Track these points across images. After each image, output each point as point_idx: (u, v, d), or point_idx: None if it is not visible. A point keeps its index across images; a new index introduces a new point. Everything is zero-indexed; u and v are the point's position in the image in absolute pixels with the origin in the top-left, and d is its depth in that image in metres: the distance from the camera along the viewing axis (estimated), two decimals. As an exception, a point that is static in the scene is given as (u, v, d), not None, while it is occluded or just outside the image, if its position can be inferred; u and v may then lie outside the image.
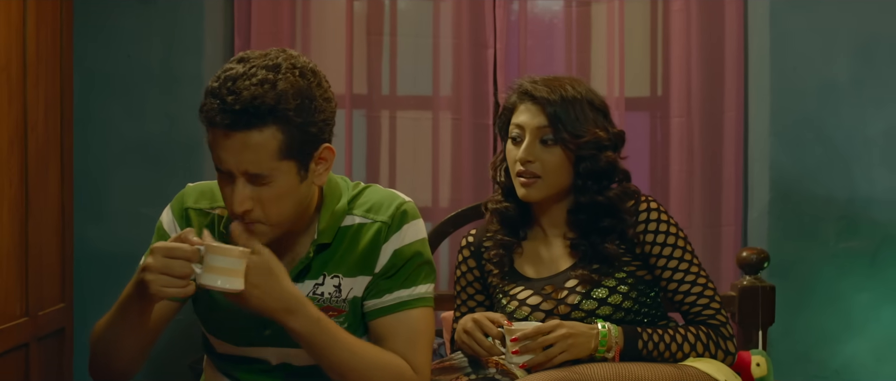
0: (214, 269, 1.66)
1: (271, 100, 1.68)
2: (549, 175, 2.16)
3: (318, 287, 1.90)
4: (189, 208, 1.95)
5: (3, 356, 2.52)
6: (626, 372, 1.96)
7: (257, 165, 1.71)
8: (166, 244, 1.68)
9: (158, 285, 1.66)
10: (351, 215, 1.92)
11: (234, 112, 1.67)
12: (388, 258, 1.90)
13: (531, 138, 2.16)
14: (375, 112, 3.29)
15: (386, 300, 1.90)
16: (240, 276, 1.69)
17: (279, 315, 1.75)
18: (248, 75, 1.69)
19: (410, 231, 1.92)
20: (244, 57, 1.74)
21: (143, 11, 3.07)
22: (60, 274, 2.89)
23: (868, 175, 3.04)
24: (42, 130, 2.73)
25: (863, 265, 3.03)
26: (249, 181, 1.73)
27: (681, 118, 3.18)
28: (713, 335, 2.15)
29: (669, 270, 2.18)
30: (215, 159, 1.75)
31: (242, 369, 1.96)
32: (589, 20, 3.26)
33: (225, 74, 1.71)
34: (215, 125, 1.70)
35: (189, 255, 1.67)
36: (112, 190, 3.07)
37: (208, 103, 1.70)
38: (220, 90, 1.68)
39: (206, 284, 1.67)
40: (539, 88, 2.17)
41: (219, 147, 1.72)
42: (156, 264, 1.66)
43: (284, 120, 1.71)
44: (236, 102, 1.67)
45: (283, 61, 1.73)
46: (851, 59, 3.04)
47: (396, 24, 3.29)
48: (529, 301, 2.18)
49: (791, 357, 3.04)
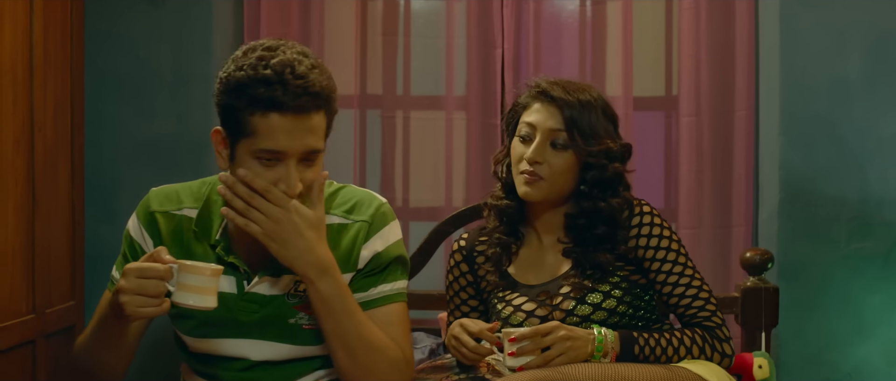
0: (187, 287, 1.70)
1: (328, 84, 1.81)
2: (553, 178, 2.15)
3: (298, 285, 1.93)
4: (155, 211, 1.98)
5: (9, 353, 2.57)
6: (612, 372, 1.94)
7: (318, 143, 1.81)
8: (139, 265, 1.71)
9: (134, 306, 1.70)
10: (330, 214, 1.94)
11: (306, 94, 1.75)
12: (370, 258, 1.96)
13: (542, 139, 2.14)
14: (390, 112, 3.30)
15: (371, 294, 1.96)
16: (212, 293, 1.72)
17: (312, 272, 1.82)
18: (299, 62, 1.77)
19: (391, 232, 1.99)
20: (270, 46, 1.80)
21: (152, 13, 3.10)
22: (70, 272, 2.94)
23: (881, 175, 2.98)
24: (50, 130, 2.77)
25: (875, 267, 2.97)
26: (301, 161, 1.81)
27: (690, 118, 3.15)
28: (709, 338, 2.14)
29: (664, 273, 2.16)
30: (266, 146, 1.77)
31: (221, 366, 1.98)
32: (604, 19, 3.23)
33: (272, 61, 1.75)
34: (278, 109, 1.74)
35: (161, 274, 1.70)
36: (123, 189, 3.11)
37: (264, 91, 1.74)
38: (281, 76, 1.74)
39: (179, 302, 1.71)
40: (556, 89, 2.16)
41: (278, 131, 1.76)
42: (129, 285, 1.69)
43: (330, 103, 1.83)
44: (307, 87, 1.75)
45: (305, 50, 1.84)
46: (864, 58, 2.98)
47: (410, 25, 3.30)
48: (524, 307, 2.17)
49: (801, 360, 3.00)
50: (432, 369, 2.18)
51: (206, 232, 1.95)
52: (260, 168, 1.79)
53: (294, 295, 1.93)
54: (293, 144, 1.77)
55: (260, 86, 1.74)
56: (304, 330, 1.95)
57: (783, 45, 3.01)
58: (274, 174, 1.79)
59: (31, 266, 2.67)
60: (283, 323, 1.94)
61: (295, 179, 1.79)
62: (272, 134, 1.76)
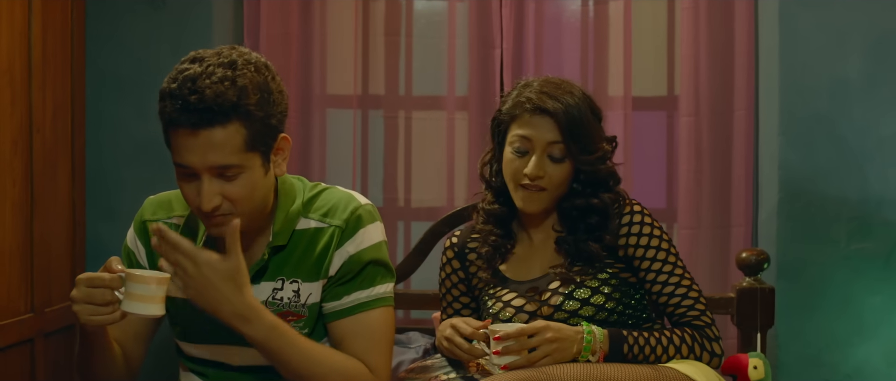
0: (134, 296, 1.72)
1: (233, 96, 1.72)
2: (553, 188, 2.15)
3: (277, 292, 1.92)
4: (147, 220, 2.00)
5: (7, 351, 2.59)
6: (597, 372, 1.93)
7: (225, 158, 1.74)
8: (88, 275, 1.73)
9: (85, 314, 1.72)
10: (307, 218, 1.93)
11: (199, 110, 1.70)
12: (341, 263, 1.91)
13: (541, 152, 2.12)
14: (393, 112, 3.31)
15: (344, 303, 1.92)
16: (159, 302, 1.73)
17: (234, 322, 1.78)
18: (207, 74, 1.72)
19: (365, 236, 1.93)
20: (197, 57, 1.77)
21: (153, 15, 3.13)
22: (71, 271, 2.96)
23: (881, 175, 2.96)
24: (49, 131, 2.80)
25: (876, 268, 2.95)
26: (217, 177, 1.76)
27: (689, 117, 3.14)
28: (698, 337, 2.13)
29: (653, 272, 2.16)
30: (178, 160, 1.77)
31: (209, 367, 1.99)
32: (606, 19, 3.23)
33: (182, 75, 1.73)
34: (179, 125, 1.73)
35: (107, 283, 1.72)
36: (124, 189, 3.13)
37: (169, 105, 1.73)
38: (180, 91, 1.71)
39: (127, 310, 1.73)
40: (547, 100, 2.11)
41: (182, 147, 1.75)
42: (79, 294, 1.73)
43: (246, 115, 1.74)
44: (200, 102, 1.70)
45: (238, 58, 1.77)
46: (863, 57, 2.96)
47: (412, 25, 3.30)
48: (513, 303, 2.17)
49: (801, 361, 2.98)
50: (422, 368, 2.18)
51: (190, 239, 1.95)
52: (182, 181, 1.80)
53: (272, 302, 1.91)
54: (196, 159, 1.74)
55: (166, 100, 1.74)
56: None
57: (783, 45, 3.00)
58: (193, 188, 1.78)
59: (30, 266, 2.69)
60: None
61: (206, 194, 1.75)
62: (178, 149, 1.76)
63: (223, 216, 1.79)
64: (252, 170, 1.79)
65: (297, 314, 1.91)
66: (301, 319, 1.91)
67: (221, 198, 1.77)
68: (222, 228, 1.78)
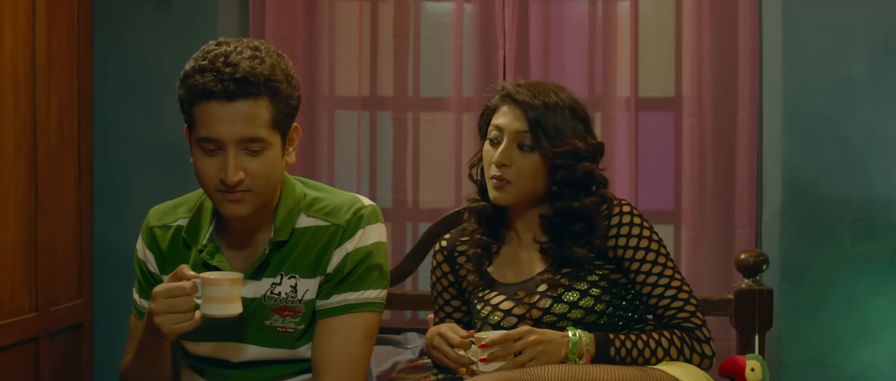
0: (212, 299, 1.77)
1: (266, 71, 1.80)
2: (521, 180, 2.14)
3: (275, 287, 1.94)
4: (153, 227, 2.04)
5: (10, 350, 2.63)
6: (583, 373, 1.93)
7: (255, 131, 1.80)
8: (166, 286, 1.78)
9: (169, 324, 1.77)
10: (310, 216, 1.96)
11: (235, 80, 1.77)
12: (339, 261, 1.94)
13: (509, 142, 2.14)
14: (401, 114, 3.32)
15: (333, 302, 1.94)
16: (235, 301, 1.79)
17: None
18: (237, 52, 1.80)
19: (365, 236, 1.95)
20: (222, 41, 1.84)
21: (158, 17, 3.16)
22: (77, 272, 3.00)
23: (886, 176, 2.93)
24: (55, 132, 2.84)
25: (880, 269, 2.93)
26: (242, 149, 1.81)
27: (693, 118, 3.13)
28: (688, 339, 2.12)
29: (643, 273, 2.15)
30: (205, 134, 1.81)
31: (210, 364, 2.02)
32: (614, 20, 3.22)
33: (211, 53, 1.80)
34: (212, 97, 1.78)
35: (187, 290, 1.77)
36: (131, 190, 3.17)
37: (200, 79, 1.78)
38: (212, 65, 1.78)
39: (207, 313, 1.78)
40: (522, 92, 2.15)
41: (212, 119, 1.79)
42: (160, 307, 1.77)
43: (275, 91, 1.82)
44: (235, 72, 1.77)
45: (260, 44, 1.85)
46: (867, 57, 2.94)
47: (420, 27, 3.32)
48: (502, 306, 2.17)
49: (805, 363, 2.96)
50: (412, 369, 2.20)
51: (194, 238, 1.98)
52: (204, 157, 1.83)
53: (269, 297, 1.95)
54: (226, 130, 1.79)
55: (196, 75, 1.79)
56: (278, 333, 1.96)
57: (786, 45, 2.98)
58: (216, 163, 1.82)
59: (34, 265, 2.73)
60: (260, 325, 1.96)
61: (231, 166, 1.80)
62: (207, 121, 1.80)
63: (242, 193, 1.83)
64: (274, 148, 1.85)
65: (294, 310, 1.94)
66: (297, 314, 1.94)
67: (244, 173, 1.82)
68: (238, 206, 1.84)
